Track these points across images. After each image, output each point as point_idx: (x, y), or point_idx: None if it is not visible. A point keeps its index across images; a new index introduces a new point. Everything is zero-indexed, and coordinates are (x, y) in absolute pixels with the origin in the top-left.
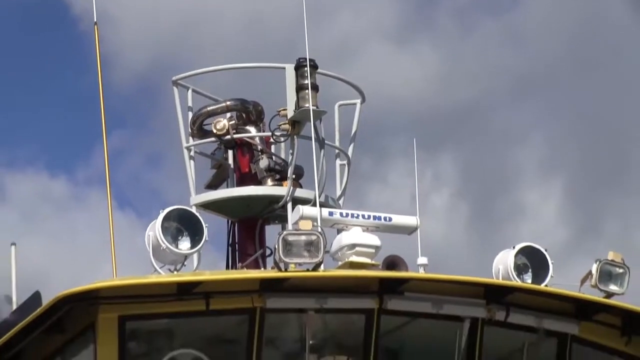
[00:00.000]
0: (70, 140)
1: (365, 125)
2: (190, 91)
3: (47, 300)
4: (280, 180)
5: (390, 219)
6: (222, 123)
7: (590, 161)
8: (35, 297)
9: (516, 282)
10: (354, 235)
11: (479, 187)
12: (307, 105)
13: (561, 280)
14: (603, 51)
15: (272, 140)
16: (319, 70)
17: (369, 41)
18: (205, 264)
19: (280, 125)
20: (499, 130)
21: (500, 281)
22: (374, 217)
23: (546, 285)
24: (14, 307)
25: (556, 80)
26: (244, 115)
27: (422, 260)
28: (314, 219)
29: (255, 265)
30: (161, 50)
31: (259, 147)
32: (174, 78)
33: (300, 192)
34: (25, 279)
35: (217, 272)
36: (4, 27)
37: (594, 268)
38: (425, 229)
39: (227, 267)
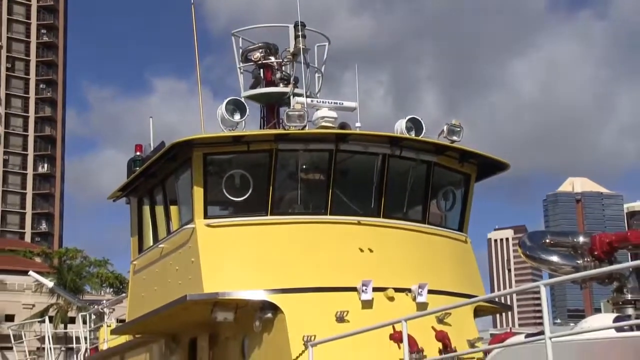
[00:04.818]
0: (188, 59)
1: (334, 55)
2: (240, 39)
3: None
4: (287, 85)
5: (342, 103)
6: (257, 55)
7: (457, 74)
8: (162, 144)
9: (406, 135)
10: (323, 112)
11: (399, 88)
12: (299, 46)
13: (429, 135)
14: (461, 18)
15: (283, 63)
16: (306, 27)
17: (337, 12)
18: (248, 127)
19: (286, 56)
20: (409, 58)
21: (398, 134)
22: (334, 102)
23: (421, 137)
24: (152, 149)
25: (436, 31)
26: (268, 50)
27: (358, 124)
28: (303, 104)
29: (274, 127)
30: (234, 11)
31: (276, 67)
32: (232, 32)
33: (296, 90)
34: (161, 135)
35: (253, 131)
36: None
37: (445, 127)
38: (366, 109)
39: (260, 128)
